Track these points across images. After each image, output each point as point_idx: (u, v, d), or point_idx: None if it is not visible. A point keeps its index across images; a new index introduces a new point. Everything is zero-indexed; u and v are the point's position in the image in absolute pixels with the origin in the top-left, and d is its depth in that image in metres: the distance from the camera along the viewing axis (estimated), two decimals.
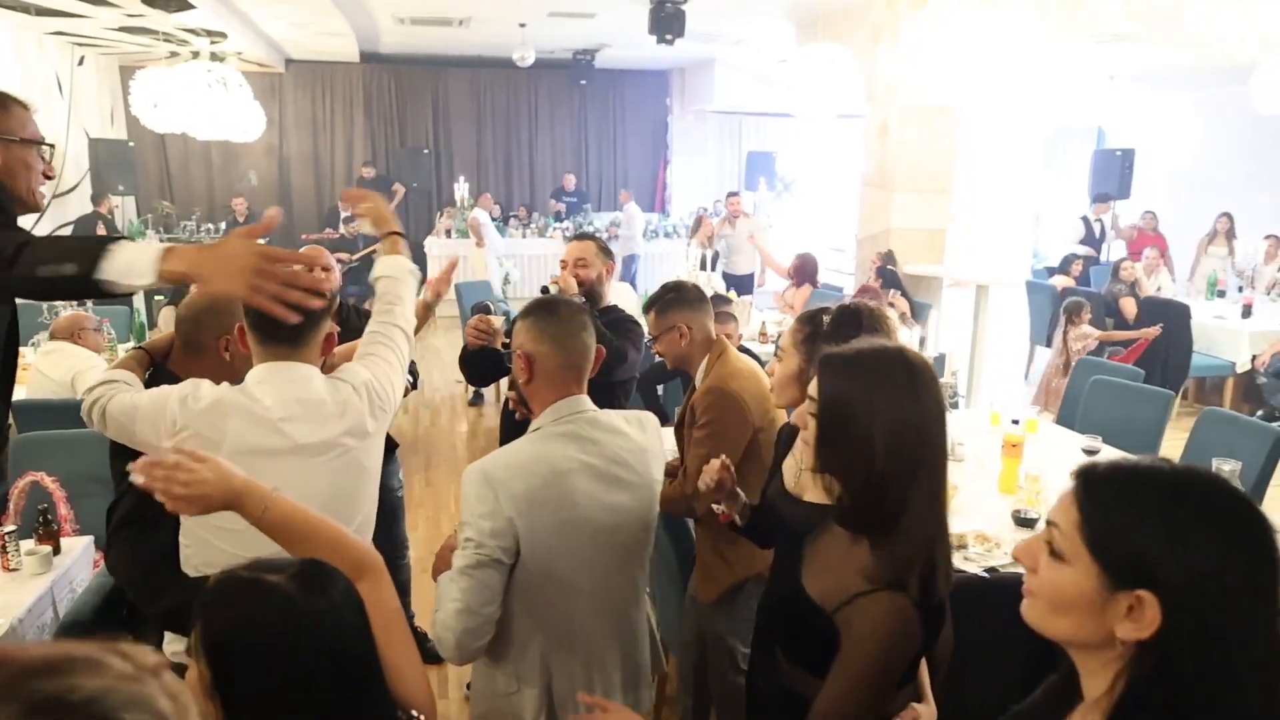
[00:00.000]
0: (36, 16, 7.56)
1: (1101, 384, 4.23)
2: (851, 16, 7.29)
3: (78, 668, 0.59)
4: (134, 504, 1.83)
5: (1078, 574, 0.92)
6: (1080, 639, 0.95)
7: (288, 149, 12.41)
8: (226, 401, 1.68)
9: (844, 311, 1.87)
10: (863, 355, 1.41)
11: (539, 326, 1.78)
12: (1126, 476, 0.94)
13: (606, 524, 1.76)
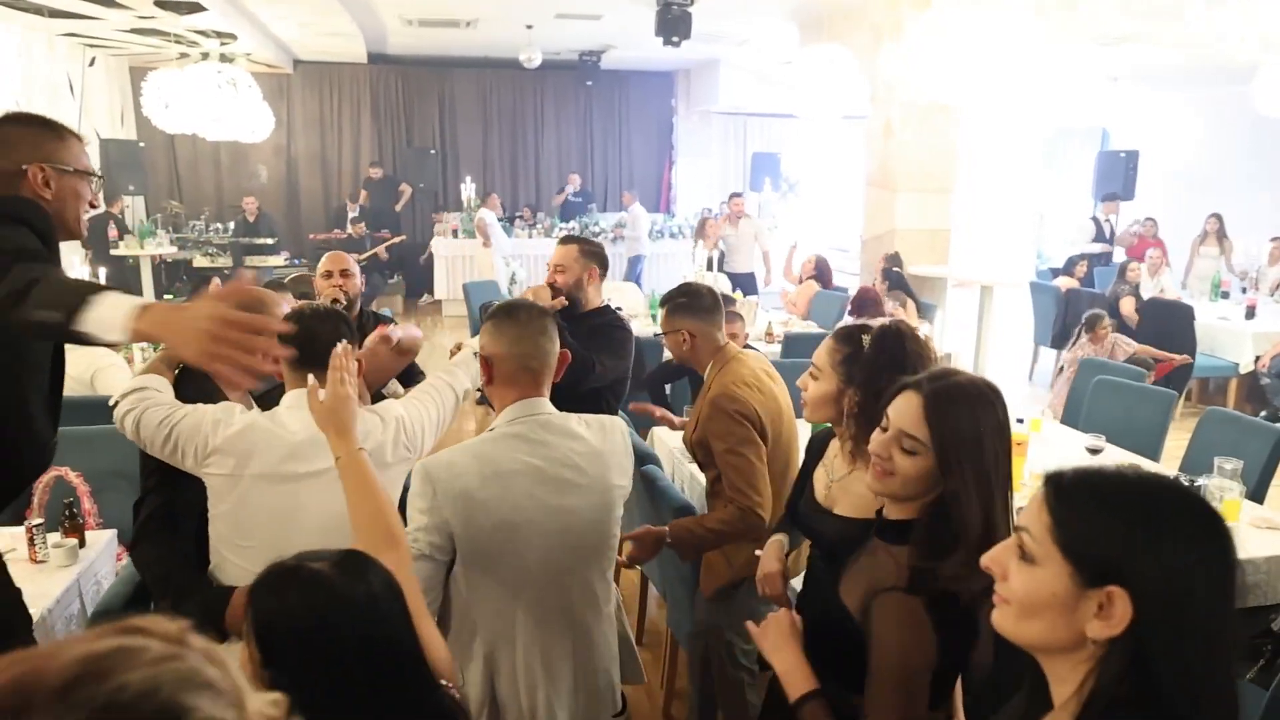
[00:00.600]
0: (49, 18, 7.64)
1: (1105, 384, 4.27)
2: (854, 17, 7.34)
3: (116, 664, 0.58)
4: (160, 502, 1.90)
5: (1049, 575, 0.94)
6: (1052, 642, 0.96)
7: (295, 149, 12.48)
8: (255, 427, 1.78)
9: (885, 332, 1.85)
10: (965, 386, 1.44)
11: (499, 329, 1.84)
12: (1095, 480, 0.97)
13: (553, 527, 1.77)
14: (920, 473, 1.41)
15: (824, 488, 1.89)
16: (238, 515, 1.79)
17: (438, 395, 2.02)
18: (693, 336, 2.46)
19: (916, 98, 5.76)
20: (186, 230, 10.48)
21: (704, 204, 12.26)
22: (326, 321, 1.88)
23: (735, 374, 2.40)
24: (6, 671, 0.56)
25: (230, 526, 1.80)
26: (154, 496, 1.91)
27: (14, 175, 1.74)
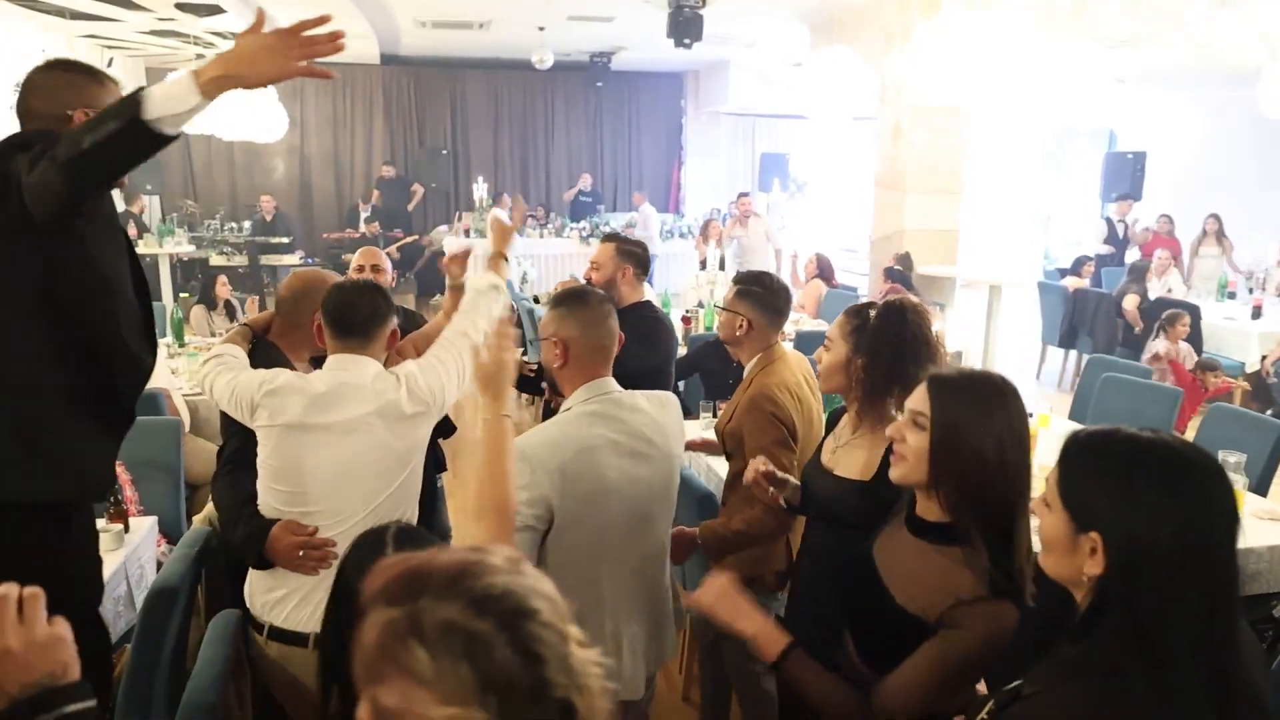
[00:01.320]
0: (70, 20, 7.76)
1: (1112, 380, 4.35)
2: (863, 19, 7.42)
3: (483, 569, 0.77)
4: (238, 446, 2.13)
5: (1057, 520, 1.11)
6: (1063, 575, 1.13)
7: (309, 149, 12.61)
8: (288, 386, 1.99)
9: (890, 306, 1.98)
10: (973, 378, 1.53)
11: (573, 314, 1.95)
12: (1095, 439, 1.12)
13: (630, 494, 1.91)
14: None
15: (829, 452, 2.03)
16: (271, 461, 2.00)
17: (453, 349, 2.14)
18: (750, 326, 2.51)
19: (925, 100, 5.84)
20: (202, 229, 10.60)
21: (712, 204, 12.35)
22: (364, 294, 2.07)
23: (779, 376, 2.46)
24: (399, 566, 0.78)
25: (268, 472, 2.02)
26: (232, 441, 2.17)
27: (60, 120, 1.80)
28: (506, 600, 0.75)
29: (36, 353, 1.74)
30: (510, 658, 0.72)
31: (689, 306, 6.54)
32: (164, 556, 2.84)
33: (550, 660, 0.74)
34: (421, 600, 0.74)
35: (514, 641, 0.73)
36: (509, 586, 0.76)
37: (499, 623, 0.73)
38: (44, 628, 0.96)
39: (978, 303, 7.10)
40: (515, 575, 0.78)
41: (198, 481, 3.70)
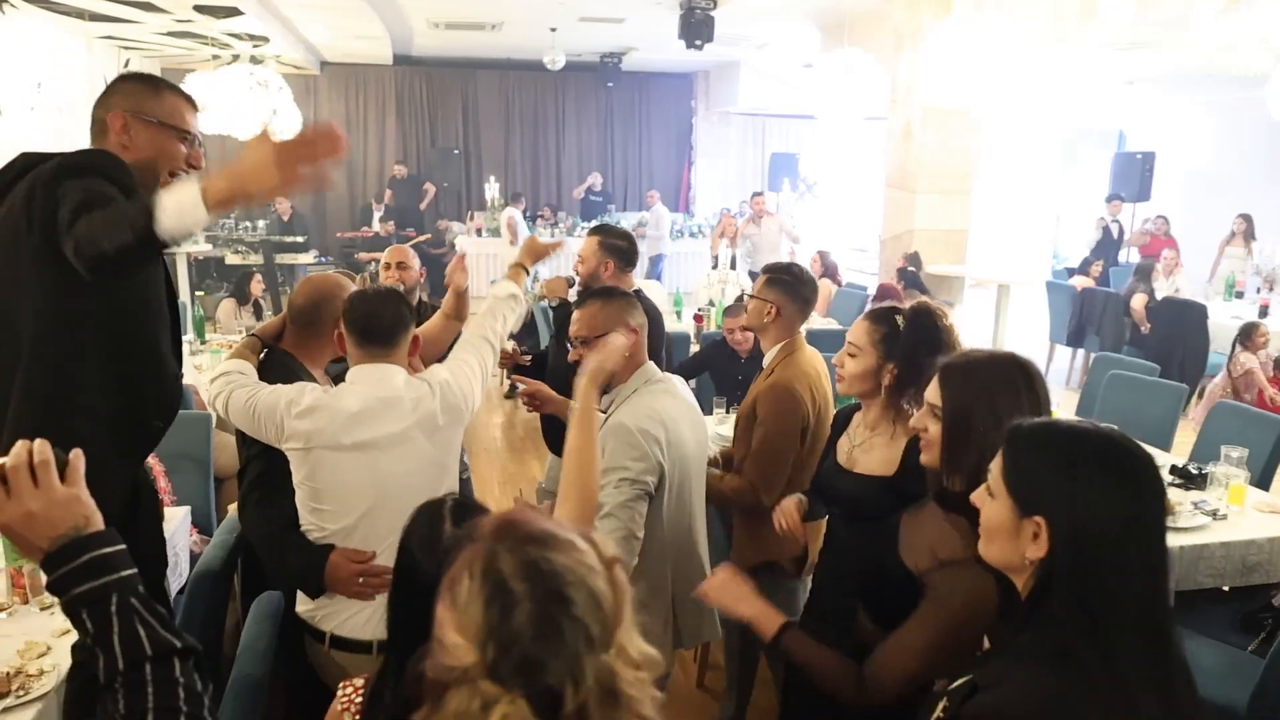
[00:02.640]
0: (90, 21, 7.88)
1: (1118, 378, 4.41)
2: (875, 21, 7.48)
3: (559, 545, 0.83)
4: (262, 468, 2.11)
5: (1000, 507, 1.15)
6: (1005, 562, 1.17)
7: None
8: (319, 407, 1.97)
9: (918, 311, 2.03)
10: (981, 362, 1.56)
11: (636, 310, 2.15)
12: (1039, 430, 1.17)
13: (698, 456, 2.19)
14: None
15: (846, 453, 2.10)
16: (312, 483, 2.00)
17: (476, 352, 2.24)
18: (777, 312, 2.60)
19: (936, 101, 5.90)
20: (217, 228, 10.71)
21: (722, 204, 12.41)
22: (387, 302, 2.07)
23: (800, 368, 2.55)
24: (508, 514, 0.87)
25: (307, 493, 2.01)
26: (255, 464, 2.11)
27: (100, 121, 1.86)
28: (552, 580, 0.80)
29: (81, 375, 1.79)
30: (524, 626, 0.77)
31: (700, 305, 6.61)
32: (196, 545, 2.93)
33: (559, 648, 0.77)
34: (497, 546, 0.82)
35: (535, 614, 0.78)
36: (564, 569, 0.80)
37: (532, 593, 0.78)
38: (60, 488, 1.03)
39: (986, 302, 7.16)
40: (584, 566, 0.82)
41: (224, 474, 3.79)
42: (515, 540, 0.82)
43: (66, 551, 1.00)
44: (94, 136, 1.89)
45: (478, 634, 0.78)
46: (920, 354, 1.90)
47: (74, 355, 1.78)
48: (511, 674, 0.76)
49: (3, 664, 1.93)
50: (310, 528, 2.01)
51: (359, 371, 2.03)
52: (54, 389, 1.77)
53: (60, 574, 1.00)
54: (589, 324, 2.09)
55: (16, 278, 1.76)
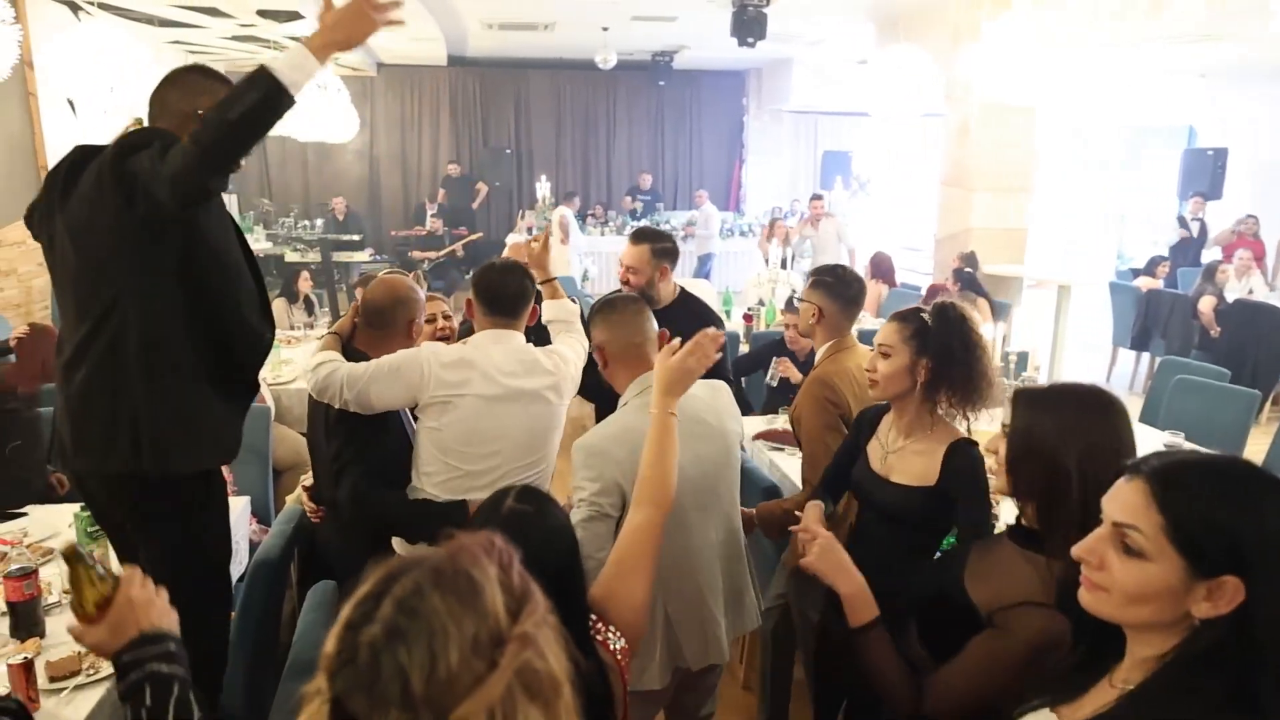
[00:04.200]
0: (159, 27, 8.13)
1: (1185, 383, 4.26)
2: (931, 17, 7.36)
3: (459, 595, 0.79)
4: (361, 471, 2.23)
5: (1162, 570, 0.99)
6: (1156, 623, 1.02)
7: (378, 149, 12.94)
8: (467, 359, 2.21)
9: (941, 307, 2.04)
10: (1053, 390, 1.52)
11: (603, 320, 2.12)
12: (1198, 475, 1.02)
13: (695, 472, 2.02)
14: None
15: (880, 459, 2.07)
16: (460, 428, 2.19)
17: (580, 343, 2.46)
18: (822, 314, 2.61)
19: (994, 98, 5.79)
20: (277, 227, 10.96)
21: (774, 203, 12.33)
22: (513, 274, 2.32)
23: (842, 365, 2.56)
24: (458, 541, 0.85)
25: (452, 437, 2.20)
26: (353, 467, 2.23)
27: (188, 117, 1.92)
28: (409, 618, 0.76)
29: (182, 336, 1.89)
30: (361, 645, 0.75)
31: (750, 304, 6.58)
32: (256, 536, 3.01)
33: (371, 682, 0.74)
34: (420, 564, 0.81)
35: (373, 639, 0.75)
36: (429, 615, 0.76)
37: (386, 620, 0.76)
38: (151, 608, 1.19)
39: (1046, 303, 7.00)
40: (453, 627, 0.76)
41: (281, 466, 3.88)
42: (429, 567, 0.79)
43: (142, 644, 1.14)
44: (170, 123, 1.94)
45: (337, 628, 0.78)
46: (954, 347, 1.94)
47: (170, 322, 1.88)
48: (334, 678, 0.76)
49: (75, 644, 2.00)
50: (443, 468, 2.19)
51: (490, 335, 2.26)
52: (167, 354, 1.87)
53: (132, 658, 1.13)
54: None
55: (99, 254, 1.86)
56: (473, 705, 0.73)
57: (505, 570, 0.82)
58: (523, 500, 1.42)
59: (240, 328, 1.99)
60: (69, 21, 7.25)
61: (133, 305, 1.84)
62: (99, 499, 1.99)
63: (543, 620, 0.80)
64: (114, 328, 1.84)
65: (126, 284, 1.84)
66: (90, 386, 1.86)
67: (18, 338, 3.47)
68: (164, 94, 1.96)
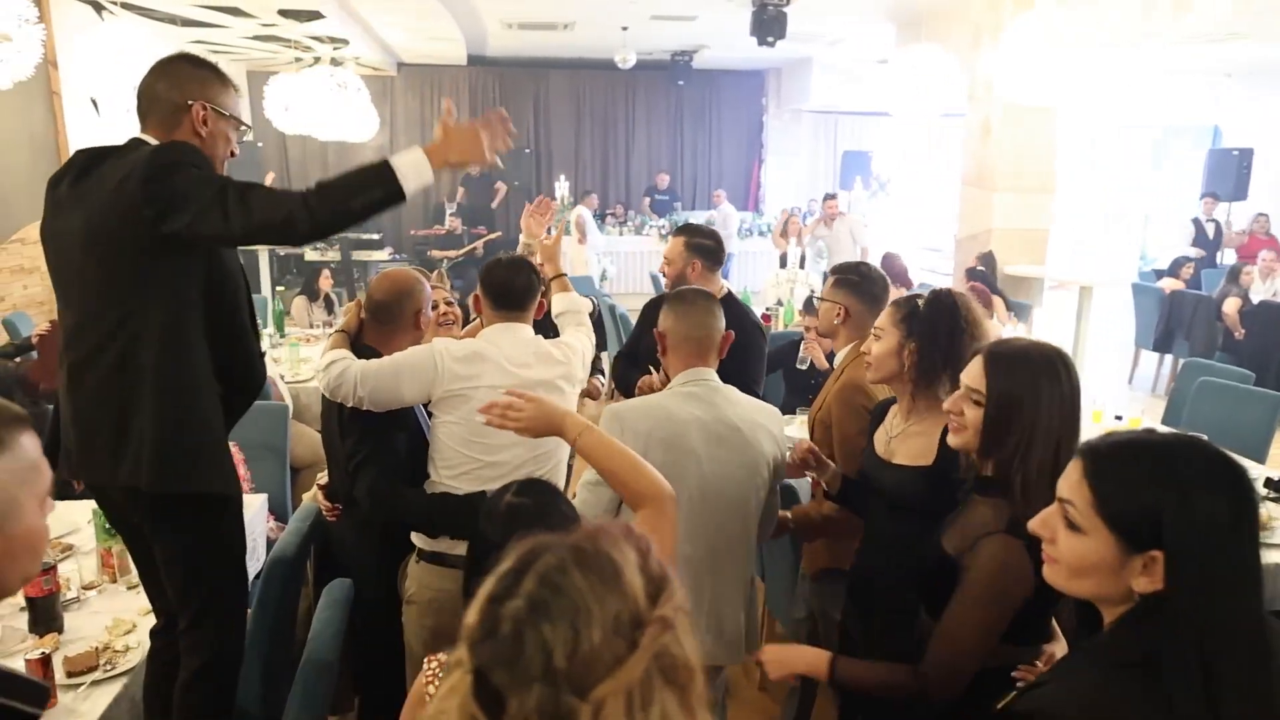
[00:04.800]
0: (182, 27, 8.20)
1: (1208, 385, 4.21)
2: (953, 16, 7.31)
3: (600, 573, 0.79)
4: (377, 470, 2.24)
5: (1096, 544, 1.05)
6: (1102, 596, 1.09)
7: (397, 148, 12.84)
8: (479, 352, 2.24)
9: (937, 294, 2.07)
10: (1027, 350, 1.59)
11: (670, 309, 2.14)
12: (1128, 453, 1.06)
13: (710, 473, 2.02)
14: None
15: (884, 444, 2.08)
16: (474, 421, 2.13)
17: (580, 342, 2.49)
18: (847, 314, 2.57)
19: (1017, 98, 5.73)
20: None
21: (793, 203, 12.28)
22: (520, 270, 2.36)
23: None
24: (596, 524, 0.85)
25: (469, 429, 2.20)
26: (370, 463, 2.23)
27: (180, 108, 1.89)
28: (552, 593, 0.75)
29: (200, 355, 1.87)
30: (504, 618, 0.75)
31: (769, 304, 6.55)
32: (273, 533, 3.02)
33: (515, 654, 0.74)
34: (557, 541, 0.81)
35: (517, 612, 0.74)
36: (572, 592, 0.76)
37: (530, 594, 0.76)
38: None
39: (1067, 304, 6.93)
40: (595, 604, 0.76)
41: (299, 464, 3.90)
42: (571, 546, 0.80)
43: None
44: (161, 117, 1.91)
45: (480, 602, 0.78)
46: (938, 332, 1.96)
47: (190, 338, 1.86)
48: (476, 651, 0.75)
49: (92, 639, 2.01)
50: (462, 460, 2.22)
51: (499, 329, 2.30)
52: (181, 370, 1.85)
53: None
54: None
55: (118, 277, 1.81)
56: (613, 685, 0.73)
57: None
58: (522, 494, 1.47)
59: (248, 351, 2.00)
60: (93, 21, 7.32)
61: (148, 319, 1.81)
62: (116, 503, 1.98)
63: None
64: (126, 340, 1.81)
65: (143, 296, 1.81)
66: (99, 399, 1.83)
67: (40, 334, 3.51)
68: (152, 85, 1.92)
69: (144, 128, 1.93)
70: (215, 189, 1.75)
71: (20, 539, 0.95)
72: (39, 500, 0.97)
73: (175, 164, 1.78)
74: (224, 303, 1.92)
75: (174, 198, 1.73)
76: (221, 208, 1.72)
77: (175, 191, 1.74)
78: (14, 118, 6.13)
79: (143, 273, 1.80)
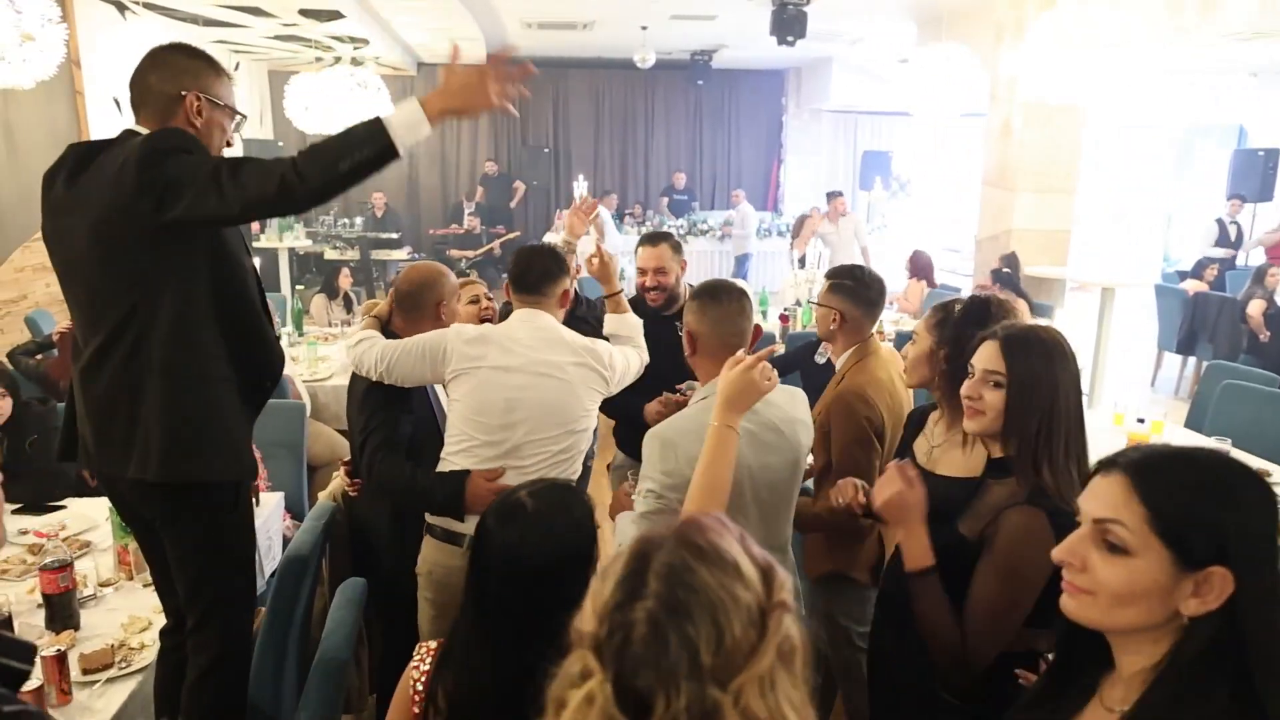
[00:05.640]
0: (204, 26, 8.27)
1: (1233, 388, 4.15)
2: (975, 15, 7.25)
3: (719, 564, 0.81)
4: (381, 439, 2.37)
5: (1148, 564, 0.96)
6: (1141, 624, 0.98)
7: (417, 148, 13.03)
8: (486, 334, 2.34)
9: (974, 300, 2.02)
10: (1038, 333, 1.64)
11: (701, 309, 2.05)
12: (1178, 466, 1.00)
13: (759, 481, 2.00)
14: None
15: (925, 454, 2.03)
16: (475, 397, 2.28)
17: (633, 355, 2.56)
18: (842, 319, 2.53)
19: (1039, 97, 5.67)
20: (317, 225, 11.11)
21: (812, 204, 12.22)
22: (538, 256, 2.43)
23: (871, 373, 2.46)
24: (687, 518, 0.86)
25: (469, 406, 2.29)
26: (375, 435, 2.37)
27: (173, 99, 1.88)
28: (684, 592, 0.78)
29: (210, 345, 1.87)
30: (638, 620, 0.76)
31: (787, 305, 6.52)
32: (289, 531, 3.03)
33: (659, 657, 0.75)
34: (665, 540, 0.83)
35: (652, 614, 0.76)
36: (704, 587, 0.78)
37: (660, 594, 0.77)
38: None
39: (1089, 306, 6.85)
40: (727, 594, 0.78)
41: (316, 463, 3.92)
42: (681, 541, 0.81)
43: None
44: (155, 109, 1.90)
45: (601, 608, 0.79)
46: (967, 338, 1.91)
47: (198, 327, 1.85)
48: (611, 658, 0.76)
49: (108, 636, 2.03)
50: (462, 437, 2.29)
51: (521, 314, 2.38)
52: (190, 360, 1.85)
53: None
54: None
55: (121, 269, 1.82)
56: (749, 675, 0.76)
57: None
58: (535, 496, 1.46)
59: (262, 338, 1.99)
60: (115, 21, 7.39)
61: (156, 310, 1.81)
62: (128, 499, 1.98)
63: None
64: (136, 333, 1.81)
65: (150, 288, 1.80)
66: (111, 393, 1.84)
67: (60, 332, 3.54)
68: (144, 77, 1.90)
69: (138, 119, 1.91)
70: (208, 170, 1.73)
71: None
72: None
73: (167, 150, 1.76)
74: (232, 288, 1.91)
75: (169, 184, 1.72)
76: (217, 187, 1.71)
77: (169, 178, 1.72)
78: (37, 117, 6.19)
79: (147, 264, 1.80)
